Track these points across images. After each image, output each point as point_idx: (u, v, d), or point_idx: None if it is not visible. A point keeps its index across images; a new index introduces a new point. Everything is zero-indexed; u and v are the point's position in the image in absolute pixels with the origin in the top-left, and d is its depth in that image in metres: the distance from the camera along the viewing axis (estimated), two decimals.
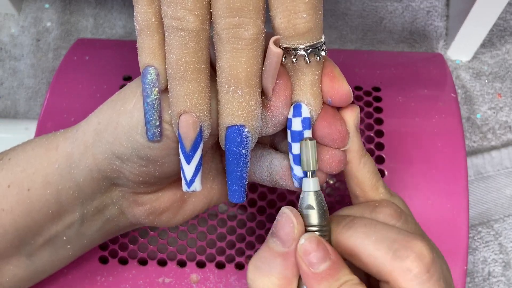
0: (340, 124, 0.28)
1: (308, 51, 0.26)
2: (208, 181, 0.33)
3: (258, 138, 0.28)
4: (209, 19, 0.25)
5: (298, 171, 0.28)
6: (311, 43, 0.26)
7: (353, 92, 0.45)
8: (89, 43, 0.50)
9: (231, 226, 0.41)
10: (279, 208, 0.41)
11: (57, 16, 0.57)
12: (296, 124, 0.28)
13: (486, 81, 0.53)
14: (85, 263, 0.40)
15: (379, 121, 0.43)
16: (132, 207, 0.33)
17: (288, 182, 0.29)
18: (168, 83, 0.26)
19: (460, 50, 0.53)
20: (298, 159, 0.28)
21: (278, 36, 0.26)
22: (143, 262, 0.41)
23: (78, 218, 0.33)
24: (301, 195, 0.28)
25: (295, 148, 0.28)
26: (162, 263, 0.40)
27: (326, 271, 0.26)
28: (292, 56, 0.26)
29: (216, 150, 0.33)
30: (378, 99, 0.44)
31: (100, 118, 0.30)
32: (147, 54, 0.26)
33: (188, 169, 0.27)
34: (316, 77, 0.27)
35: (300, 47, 0.26)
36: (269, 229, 0.40)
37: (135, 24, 0.27)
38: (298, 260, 0.26)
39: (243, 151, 0.26)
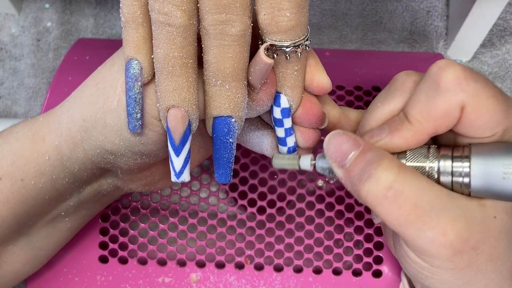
0: (317, 109, 0.30)
1: (289, 48, 0.26)
2: (195, 146, 0.34)
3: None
4: (196, 14, 0.26)
5: (283, 149, 0.31)
6: (293, 41, 0.26)
7: (353, 92, 0.45)
8: (89, 43, 0.50)
9: (230, 225, 0.41)
10: (279, 208, 0.41)
11: (57, 16, 0.57)
12: (277, 113, 0.29)
13: None
14: (85, 263, 0.40)
15: None
16: (128, 183, 0.34)
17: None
18: (156, 77, 0.26)
19: (460, 50, 0.53)
20: (281, 141, 0.31)
21: (267, 44, 0.26)
22: (143, 261, 0.41)
23: (75, 197, 0.34)
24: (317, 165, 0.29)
25: (279, 132, 0.30)
26: (162, 262, 0.41)
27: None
28: (273, 51, 0.27)
29: None
30: None
31: (83, 115, 0.30)
32: (131, 47, 0.26)
33: (178, 161, 0.27)
34: (296, 72, 0.28)
35: (281, 44, 0.26)
36: (269, 228, 0.41)
37: (120, 16, 0.27)
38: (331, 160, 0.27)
39: (230, 139, 0.28)
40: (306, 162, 0.29)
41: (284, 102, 0.29)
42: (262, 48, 0.26)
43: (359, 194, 0.26)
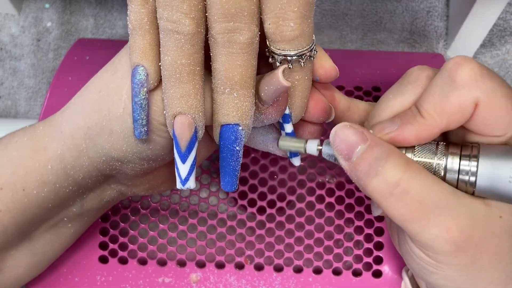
0: (323, 103, 0.30)
1: (293, 58, 0.27)
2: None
3: None
4: (204, 22, 0.26)
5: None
6: (296, 51, 0.26)
7: (353, 92, 0.45)
8: (89, 43, 0.50)
9: (231, 225, 0.41)
10: (279, 208, 0.41)
11: (57, 16, 0.57)
12: None
13: None
14: (85, 263, 0.40)
15: None
16: (131, 188, 0.34)
17: (282, 154, 0.33)
18: (163, 84, 0.27)
19: (460, 50, 0.53)
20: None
21: (285, 66, 0.27)
22: (143, 261, 0.41)
23: (78, 204, 0.34)
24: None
25: (287, 128, 0.30)
26: (162, 263, 0.41)
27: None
28: (277, 60, 0.27)
29: None
30: (378, 99, 0.44)
31: (88, 123, 0.30)
32: (137, 54, 0.27)
33: (183, 168, 0.27)
34: (296, 82, 0.28)
35: (284, 53, 0.26)
36: (269, 228, 0.41)
37: (128, 23, 0.27)
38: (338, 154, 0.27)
39: (237, 147, 0.27)
40: (312, 146, 0.29)
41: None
42: (280, 70, 0.26)
43: (365, 188, 0.26)
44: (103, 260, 0.41)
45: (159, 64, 0.27)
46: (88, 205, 0.34)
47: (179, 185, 0.28)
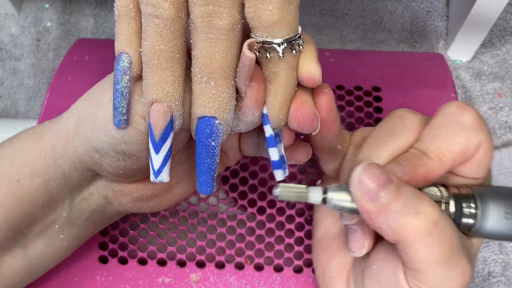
0: (308, 109, 0.28)
1: (271, 46, 0.25)
2: (194, 166, 0.33)
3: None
4: (186, 8, 0.25)
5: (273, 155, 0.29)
6: (273, 39, 0.25)
7: (353, 92, 0.45)
8: (89, 43, 0.50)
9: (230, 226, 0.41)
10: (279, 208, 0.41)
11: (57, 16, 0.57)
12: None
13: (486, 81, 0.53)
14: (85, 263, 0.40)
15: (380, 121, 0.42)
16: (118, 196, 0.33)
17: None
18: (143, 70, 0.26)
19: (460, 50, 0.53)
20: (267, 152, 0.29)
21: (253, 40, 0.25)
22: (142, 262, 0.41)
23: (67, 207, 0.34)
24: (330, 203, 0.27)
25: (266, 131, 0.28)
26: (161, 263, 0.41)
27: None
28: (255, 48, 0.25)
29: None
30: (378, 99, 0.44)
31: (80, 110, 0.30)
32: (122, 41, 0.26)
33: (157, 159, 0.26)
34: (272, 75, 0.26)
35: (263, 39, 0.25)
36: (269, 228, 0.41)
37: (114, 9, 0.27)
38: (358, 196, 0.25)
39: (213, 143, 0.26)
40: (316, 195, 0.26)
41: None
42: (246, 42, 0.25)
43: (398, 229, 0.25)
44: (103, 260, 0.41)
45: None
46: (77, 210, 0.34)
47: (152, 178, 0.27)
